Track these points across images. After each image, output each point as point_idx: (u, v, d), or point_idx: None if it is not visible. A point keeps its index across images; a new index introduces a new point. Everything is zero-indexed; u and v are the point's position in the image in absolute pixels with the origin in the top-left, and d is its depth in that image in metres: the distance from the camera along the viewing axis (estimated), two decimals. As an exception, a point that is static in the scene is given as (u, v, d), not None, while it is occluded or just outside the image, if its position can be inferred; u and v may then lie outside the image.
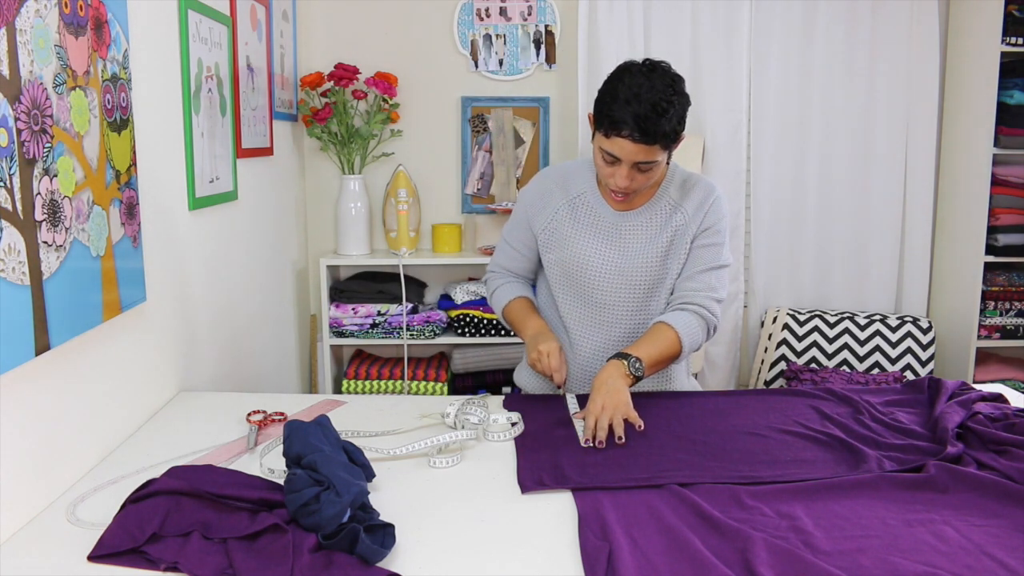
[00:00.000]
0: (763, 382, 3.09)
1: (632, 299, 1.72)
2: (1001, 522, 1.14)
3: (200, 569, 0.99)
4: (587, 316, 1.75)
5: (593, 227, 1.72)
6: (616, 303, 1.72)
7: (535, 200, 1.78)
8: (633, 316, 1.73)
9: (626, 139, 1.52)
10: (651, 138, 1.51)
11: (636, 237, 1.70)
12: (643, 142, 1.52)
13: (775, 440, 1.44)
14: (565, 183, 1.77)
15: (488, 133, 3.10)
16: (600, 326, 1.74)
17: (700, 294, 1.68)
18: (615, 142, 1.54)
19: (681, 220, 1.70)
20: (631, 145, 1.52)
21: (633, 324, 1.73)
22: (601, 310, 1.73)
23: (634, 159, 1.54)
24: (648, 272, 1.70)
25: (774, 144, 3.09)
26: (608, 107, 1.54)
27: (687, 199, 1.71)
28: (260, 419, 1.52)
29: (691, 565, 1.01)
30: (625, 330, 1.74)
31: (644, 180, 1.60)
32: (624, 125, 1.51)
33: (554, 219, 1.75)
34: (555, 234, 1.74)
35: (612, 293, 1.71)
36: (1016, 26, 2.81)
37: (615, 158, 1.56)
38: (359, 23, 3.04)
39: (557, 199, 1.75)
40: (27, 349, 1.12)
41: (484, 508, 1.20)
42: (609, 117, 1.53)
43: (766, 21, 3.02)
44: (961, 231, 3.04)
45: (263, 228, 2.47)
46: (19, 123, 1.09)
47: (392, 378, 2.95)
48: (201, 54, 1.87)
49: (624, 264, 1.70)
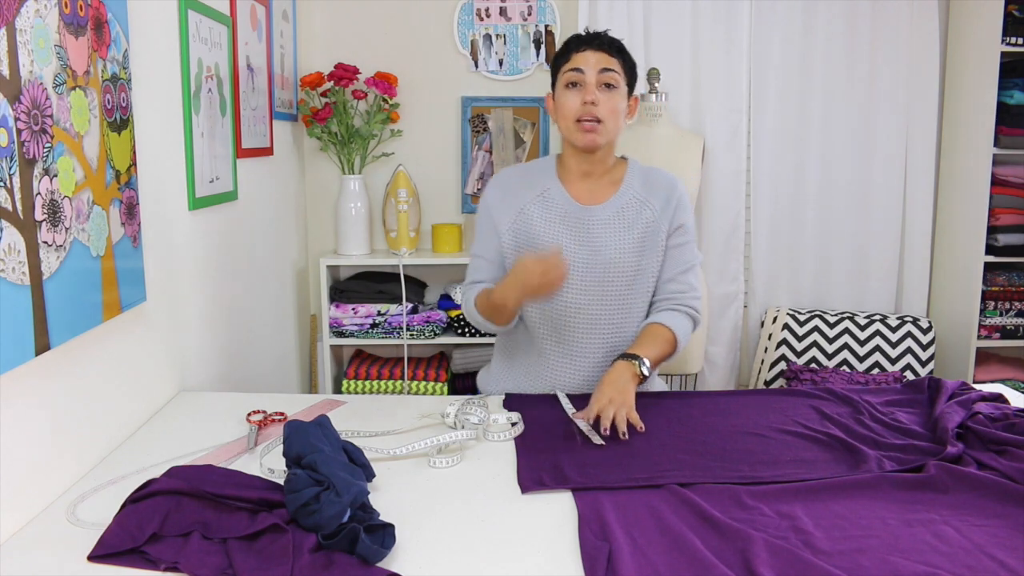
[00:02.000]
0: (763, 382, 3.09)
1: (604, 298, 1.69)
2: (1001, 522, 1.14)
3: (200, 569, 0.99)
4: (557, 321, 1.72)
5: (562, 223, 1.70)
6: (587, 304, 1.69)
7: (497, 201, 1.75)
8: (606, 319, 1.71)
9: (587, 50, 1.65)
10: (611, 49, 1.65)
11: (605, 231, 1.70)
12: (604, 51, 1.65)
13: (775, 440, 1.44)
14: (527, 180, 1.75)
15: (488, 133, 3.10)
16: (570, 331, 1.71)
17: (686, 295, 1.72)
18: (576, 57, 1.66)
19: (651, 216, 1.71)
20: (593, 54, 1.65)
21: (606, 328, 1.71)
22: (572, 313, 1.70)
23: (598, 66, 1.64)
24: (621, 268, 1.69)
25: (774, 144, 3.09)
26: (566, 42, 1.69)
27: (652, 194, 1.73)
28: (260, 419, 1.52)
29: (691, 565, 1.01)
30: (597, 335, 1.71)
31: (609, 107, 1.65)
32: (583, 41, 1.66)
33: (520, 217, 1.72)
34: (522, 233, 1.71)
35: (582, 292, 1.69)
36: (1016, 26, 2.81)
37: (580, 72, 1.65)
38: (359, 23, 3.04)
39: (521, 196, 1.73)
40: (27, 349, 1.12)
41: (484, 508, 1.20)
42: (566, 44, 1.68)
43: (766, 21, 3.02)
44: (961, 231, 3.04)
45: (263, 228, 2.47)
46: (19, 123, 1.09)
47: (392, 378, 2.95)
48: (201, 54, 1.87)
49: (593, 259, 1.68)
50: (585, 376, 1.74)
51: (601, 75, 1.64)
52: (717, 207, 3.06)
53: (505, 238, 1.73)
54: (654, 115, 2.78)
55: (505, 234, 1.73)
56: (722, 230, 3.08)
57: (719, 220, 3.07)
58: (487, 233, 1.76)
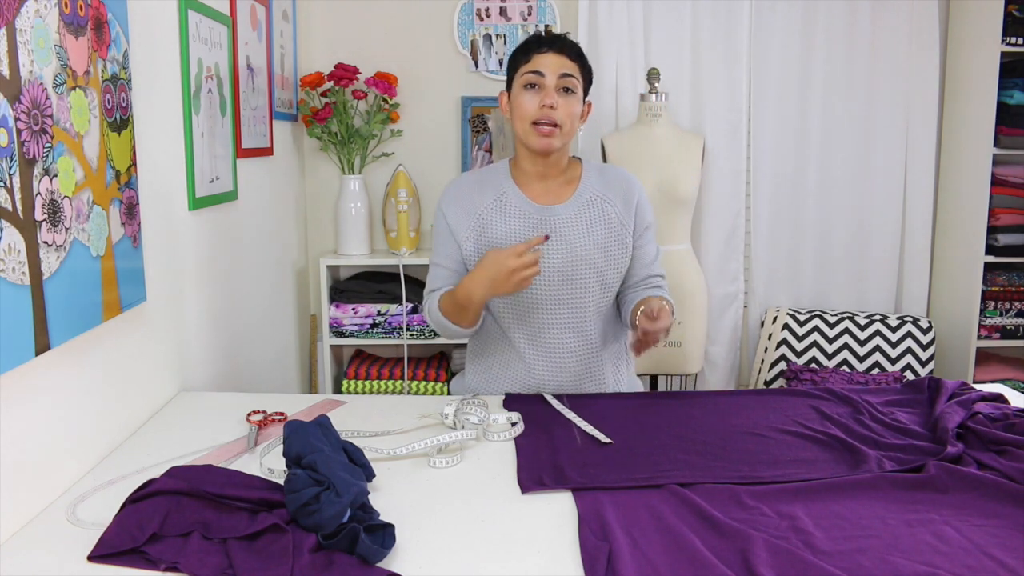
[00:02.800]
0: (763, 382, 3.09)
1: (571, 296, 1.70)
2: (1001, 522, 1.14)
3: (200, 569, 0.99)
4: (527, 321, 1.72)
5: (521, 224, 1.70)
6: (555, 303, 1.70)
7: (453, 210, 1.73)
8: (573, 316, 1.71)
9: (548, 53, 1.65)
10: (571, 52, 1.66)
11: (566, 229, 1.70)
12: (562, 53, 1.65)
13: (775, 440, 1.44)
14: (482, 187, 1.75)
15: (488, 133, 3.09)
16: (540, 330, 1.72)
17: (659, 279, 1.78)
18: (536, 60, 1.65)
19: (613, 214, 1.72)
20: (552, 56, 1.65)
21: (574, 325, 1.72)
22: (540, 312, 1.71)
23: (558, 70, 1.64)
24: (585, 265, 1.69)
25: (774, 144, 3.09)
26: (524, 42, 1.69)
27: (611, 190, 1.75)
28: (260, 419, 1.52)
29: (691, 565, 1.01)
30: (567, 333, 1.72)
31: (567, 111, 1.65)
32: (541, 43, 1.66)
33: (479, 223, 1.71)
34: (481, 239, 1.70)
35: (549, 291, 1.69)
36: (1016, 26, 2.81)
37: (539, 75, 1.64)
38: (359, 23, 3.04)
39: (477, 203, 1.72)
40: (27, 349, 1.12)
41: (484, 508, 1.20)
42: (525, 45, 1.69)
43: (766, 21, 3.02)
44: (961, 231, 3.04)
45: (263, 228, 2.47)
46: (19, 123, 1.09)
47: (392, 378, 2.95)
48: (201, 54, 1.87)
49: (558, 258, 1.68)
50: (556, 374, 1.74)
51: (561, 79, 1.64)
52: (717, 207, 3.06)
53: (465, 245, 1.71)
54: (654, 115, 2.78)
55: (465, 241, 1.71)
56: (722, 230, 3.08)
57: (719, 220, 3.07)
58: (445, 242, 1.74)
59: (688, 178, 2.75)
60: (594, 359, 1.76)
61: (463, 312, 1.64)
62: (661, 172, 2.71)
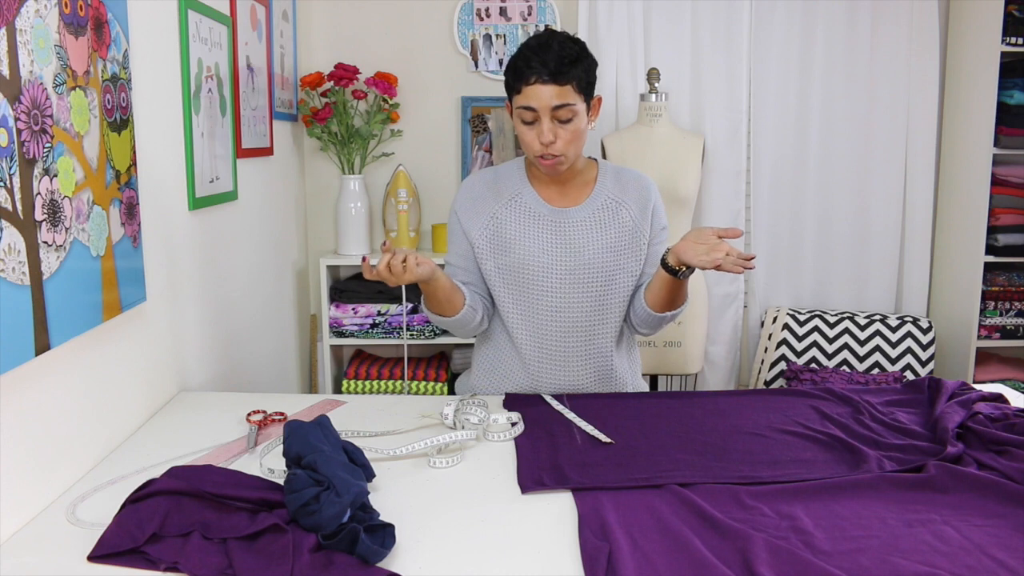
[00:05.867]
0: (763, 382, 3.09)
1: (582, 300, 1.70)
2: (1001, 522, 1.14)
3: (200, 569, 0.99)
4: (536, 324, 1.72)
5: (535, 226, 1.70)
6: (566, 306, 1.70)
7: (467, 208, 1.74)
8: (584, 319, 1.71)
9: (536, 84, 1.56)
10: (562, 77, 1.55)
11: (580, 232, 1.69)
12: (554, 82, 1.55)
13: (775, 440, 1.44)
14: (496, 187, 1.74)
15: (488, 133, 3.10)
16: (549, 334, 1.72)
17: None
18: (527, 92, 1.57)
19: (628, 218, 1.71)
20: (544, 88, 1.56)
21: (585, 329, 1.71)
22: (550, 315, 1.70)
23: (551, 103, 1.57)
24: (598, 268, 1.69)
25: (774, 144, 3.09)
26: (515, 64, 1.59)
27: (626, 194, 1.73)
28: (260, 419, 1.52)
29: (691, 565, 1.01)
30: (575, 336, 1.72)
31: (568, 138, 1.61)
32: (531, 71, 1.56)
33: (492, 223, 1.71)
34: (495, 239, 1.71)
35: (561, 294, 1.69)
36: (1016, 26, 2.81)
37: (532, 111, 1.58)
38: (359, 23, 3.04)
39: (491, 203, 1.72)
40: (27, 349, 1.12)
41: (484, 508, 1.20)
42: (515, 70, 1.58)
43: (766, 21, 3.02)
44: (961, 231, 3.04)
45: (263, 228, 2.47)
46: (19, 123, 1.09)
47: (392, 378, 2.95)
48: (201, 54, 1.87)
49: (571, 261, 1.68)
50: (564, 378, 1.74)
51: (556, 111, 1.58)
52: (717, 207, 3.06)
53: (479, 244, 1.72)
54: (654, 115, 2.78)
55: (478, 240, 1.72)
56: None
57: (719, 220, 3.07)
58: (457, 241, 1.76)
59: (688, 178, 2.75)
60: (604, 363, 1.76)
61: (428, 299, 1.67)
62: (661, 172, 2.71)
